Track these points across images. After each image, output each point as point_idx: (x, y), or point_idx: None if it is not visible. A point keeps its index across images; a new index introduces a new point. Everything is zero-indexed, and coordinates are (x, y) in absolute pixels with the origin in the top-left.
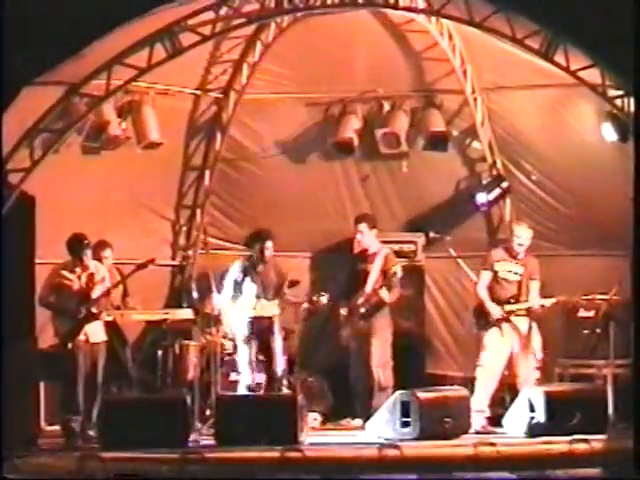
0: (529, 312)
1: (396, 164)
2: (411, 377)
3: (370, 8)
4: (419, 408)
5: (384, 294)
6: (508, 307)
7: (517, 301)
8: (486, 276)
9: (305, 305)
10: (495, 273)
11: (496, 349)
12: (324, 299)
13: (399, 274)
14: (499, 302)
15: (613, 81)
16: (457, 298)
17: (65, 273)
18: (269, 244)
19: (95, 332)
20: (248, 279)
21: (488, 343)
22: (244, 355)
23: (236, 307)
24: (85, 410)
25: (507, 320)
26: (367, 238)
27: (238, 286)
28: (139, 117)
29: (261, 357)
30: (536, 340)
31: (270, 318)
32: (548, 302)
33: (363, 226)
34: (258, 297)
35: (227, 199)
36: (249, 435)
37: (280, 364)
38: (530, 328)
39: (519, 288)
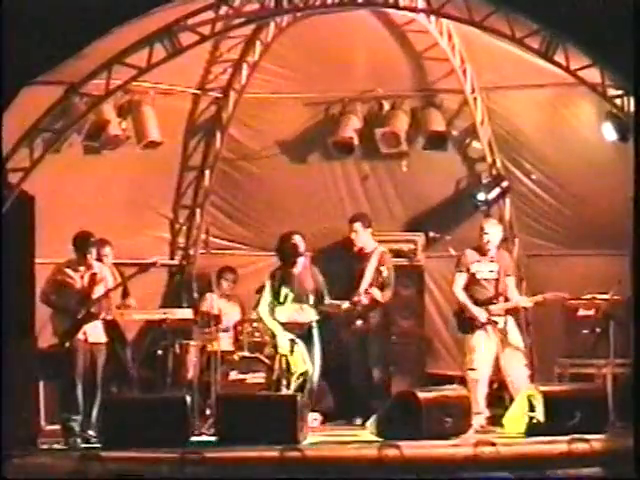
0: (511, 310)
1: (396, 164)
2: (411, 377)
3: (370, 8)
4: (419, 408)
5: (375, 293)
6: (492, 308)
7: (497, 300)
8: (461, 278)
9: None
10: (473, 275)
11: (483, 351)
12: (344, 305)
13: (385, 273)
14: (481, 303)
15: (613, 81)
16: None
17: (68, 271)
18: (297, 237)
19: (94, 332)
20: (285, 285)
21: (475, 346)
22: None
23: (275, 314)
24: (85, 410)
25: (493, 322)
26: (362, 237)
27: (276, 294)
28: (139, 117)
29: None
30: (521, 337)
31: (309, 323)
32: (533, 300)
33: (358, 225)
34: (297, 302)
35: (227, 199)
36: (249, 435)
37: (317, 373)
38: (513, 326)
39: (496, 286)
